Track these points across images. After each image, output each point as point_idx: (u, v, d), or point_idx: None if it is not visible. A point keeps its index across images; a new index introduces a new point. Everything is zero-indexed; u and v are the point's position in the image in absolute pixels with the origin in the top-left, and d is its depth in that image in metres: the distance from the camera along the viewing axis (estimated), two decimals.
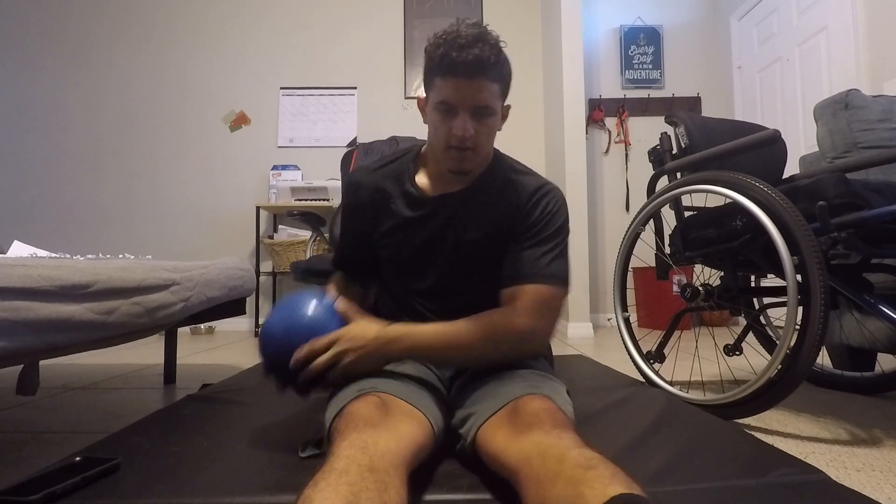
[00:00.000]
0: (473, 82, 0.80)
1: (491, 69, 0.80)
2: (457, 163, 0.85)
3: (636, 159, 3.57)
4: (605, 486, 0.47)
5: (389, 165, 0.97)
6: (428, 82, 0.86)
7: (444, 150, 0.85)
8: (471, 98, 0.81)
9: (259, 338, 0.84)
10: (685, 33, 3.69)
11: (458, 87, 0.80)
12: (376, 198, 0.94)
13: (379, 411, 0.67)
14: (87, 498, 0.63)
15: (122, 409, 1.34)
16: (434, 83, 0.83)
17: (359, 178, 0.97)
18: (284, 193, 3.23)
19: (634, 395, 1.17)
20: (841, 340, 1.48)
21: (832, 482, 0.66)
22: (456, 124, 0.81)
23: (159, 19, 3.63)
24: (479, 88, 0.80)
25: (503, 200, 0.90)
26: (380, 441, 0.58)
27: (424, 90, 0.88)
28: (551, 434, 0.60)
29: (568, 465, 0.52)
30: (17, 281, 0.82)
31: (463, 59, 0.78)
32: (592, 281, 3.30)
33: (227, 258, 1.62)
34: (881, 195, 1.15)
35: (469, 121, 0.81)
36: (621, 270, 1.59)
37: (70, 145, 3.55)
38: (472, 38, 0.79)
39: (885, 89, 2.27)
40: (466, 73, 0.79)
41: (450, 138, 0.82)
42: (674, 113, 1.49)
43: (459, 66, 0.79)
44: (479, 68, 0.79)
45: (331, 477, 0.50)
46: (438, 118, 0.83)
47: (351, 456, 0.54)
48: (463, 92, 0.80)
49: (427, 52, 0.84)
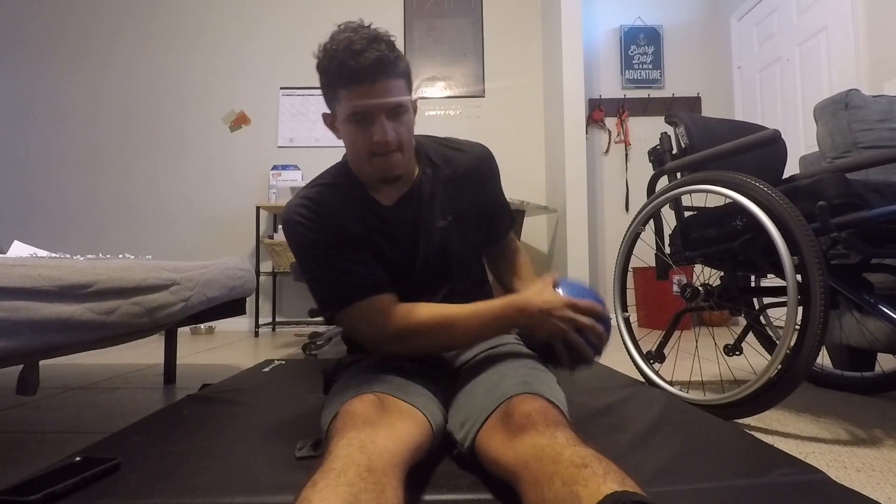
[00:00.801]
0: (380, 85, 0.77)
1: (393, 67, 0.78)
2: (386, 170, 0.83)
3: (636, 159, 3.57)
4: (600, 484, 0.48)
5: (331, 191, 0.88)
6: (331, 97, 0.82)
7: (368, 161, 0.82)
8: (379, 106, 0.78)
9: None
10: (685, 33, 3.69)
11: (365, 93, 0.77)
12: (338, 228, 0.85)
13: (377, 410, 0.67)
14: (87, 498, 0.63)
15: (122, 409, 1.34)
16: (338, 95, 0.80)
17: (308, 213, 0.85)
18: (284, 193, 3.23)
19: (634, 395, 1.17)
20: (841, 340, 1.48)
21: (832, 482, 0.66)
22: (375, 131, 0.79)
23: (159, 19, 3.63)
24: (388, 89, 0.78)
25: (453, 182, 0.92)
26: (378, 440, 0.58)
27: (328, 105, 0.85)
28: (545, 434, 0.60)
29: (563, 466, 0.53)
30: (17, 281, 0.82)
31: (363, 65, 0.75)
32: (592, 281, 3.30)
33: (227, 258, 1.62)
34: (881, 195, 1.15)
35: (387, 124, 0.79)
36: (621, 270, 1.59)
37: (70, 145, 3.55)
38: (367, 40, 0.76)
39: (885, 89, 2.27)
40: (371, 78, 0.76)
41: (372, 146, 0.80)
42: (674, 113, 1.49)
43: (362, 73, 0.76)
44: (381, 70, 0.77)
45: (329, 477, 0.50)
46: (354, 130, 0.81)
47: (349, 455, 0.54)
48: (373, 97, 0.77)
49: (321, 66, 0.80)
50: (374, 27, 0.79)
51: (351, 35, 0.77)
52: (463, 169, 0.94)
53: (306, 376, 1.45)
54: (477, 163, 0.95)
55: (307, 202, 0.85)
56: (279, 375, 1.45)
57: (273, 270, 3.33)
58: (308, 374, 1.48)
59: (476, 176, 0.95)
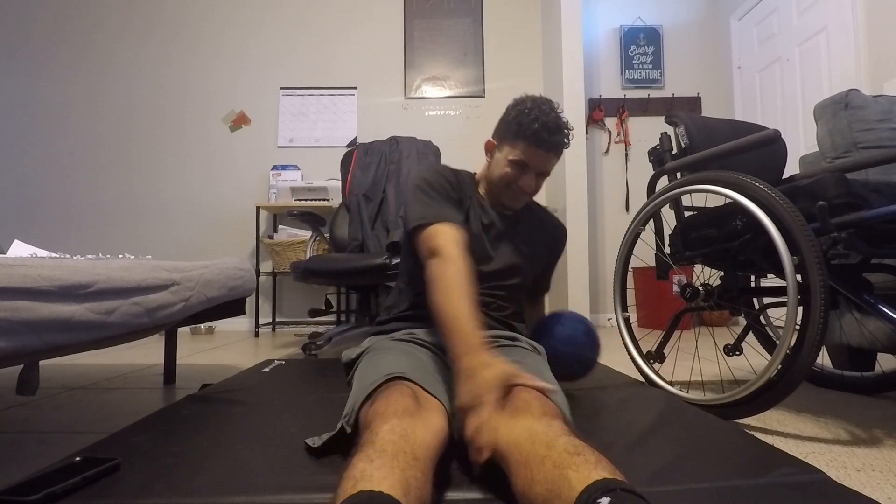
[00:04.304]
0: (548, 157, 1.06)
1: (561, 151, 1.08)
2: (512, 202, 1.12)
3: (636, 159, 3.57)
4: (590, 470, 0.51)
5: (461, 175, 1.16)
6: (506, 137, 1.07)
7: (505, 188, 1.09)
8: (542, 166, 1.07)
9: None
10: (685, 33, 3.70)
11: (537, 155, 1.05)
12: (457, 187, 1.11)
13: (413, 402, 0.70)
14: (87, 498, 0.63)
15: (122, 409, 1.34)
16: (517, 143, 1.05)
17: (444, 169, 1.14)
18: (284, 193, 3.23)
19: (634, 395, 1.17)
20: (841, 340, 1.48)
21: (832, 482, 0.66)
22: (524, 180, 1.06)
23: (159, 19, 3.63)
24: (550, 161, 1.07)
25: (543, 230, 1.21)
26: (417, 431, 0.61)
27: (497, 139, 1.11)
28: (541, 421, 0.63)
29: (556, 450, 0.55)
30: (17, 281, 0.82)
31: (549, 140, 1.03)
32: (592, 281, 3.30)
33: (227, 258, 1.62)
34: (881, 195, 1.15)
35: (534, 179, 1.07)
36: (621, 270, 1.59)
37: (70, 145, 3.55)
38: (558, 125, 1.05)
39: (885, 89, 2.27)
40: (547, 149, 1.05)
41: (515, 186, 1.07)
42: (674, 113, 1.49)
43: (545, 143, 1.03)
44: (556, 148, 1.06)
45: (385, 457, 0.53)
46: (510, 168, 1.06)
47: (396, 442, 0.57)
48: (540, 160, 1.06)
49: (516, 116, 1.05)
50: (563, 114, 1.08)
51: (550, 113, 1.04)
52: (551, 229, 1.25)
53: (306, 376, 1.45)
54: (561, 233, 1.28)
55: (447, 167, 1.14)
56: (279, 375, 1.45)
57: (273, 270, 3.33)
58: (308, 374, 1.48)
59: (556, 241, 1.26)
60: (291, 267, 2.21)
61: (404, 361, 0.85)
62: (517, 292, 1.15)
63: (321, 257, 2.22)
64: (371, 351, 0.97)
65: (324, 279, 2.18)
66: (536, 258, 1.18)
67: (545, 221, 1.24)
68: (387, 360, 0.86)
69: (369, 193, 2.48)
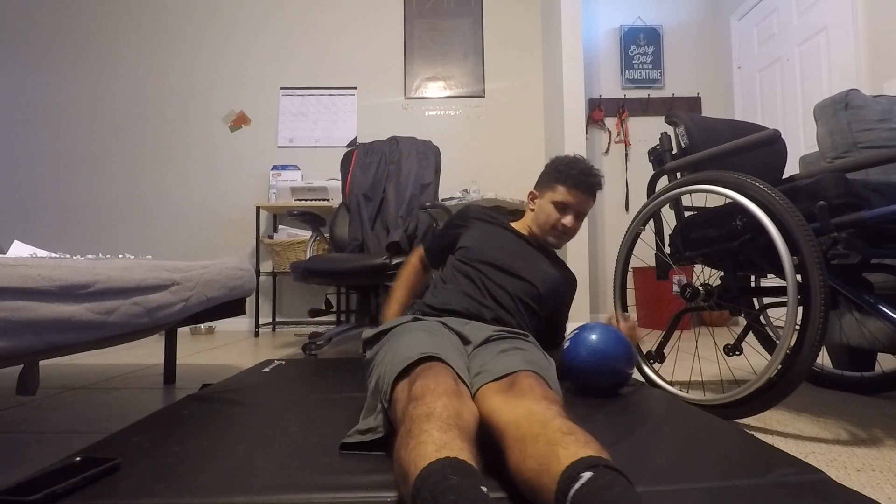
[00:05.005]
0: (587, 198, 1.29)
1: (597, 192, 1.32)
2: (558, 241, 1.33)
3: (636, 159, 3.57)
4: (579, 448, 0.55)
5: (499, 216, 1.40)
6: (548, 184, 1.31)
7: (550, 230, 1.30)
8: (581, 207, 1.29)
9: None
10: (685, 33, 3.69)
11: (577, 196, 1.28)
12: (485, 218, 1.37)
13: (455, 385, 0.73)
14: (87, 498, 0.63)
15: (122, 409, 1.34)
16: (557, 187, 1.28)
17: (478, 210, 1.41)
18: (284, 193, 3.23)
19: (634, 395, 1.17)
20: (841, 340, 1.48)
21: (832, 482, 0.66)
22: (566, 219, 1.28)
23: (160, 20, 3.63)
24: (588, 203, 1.30)
25: (563, 272, 1.37)
26: (463, 412, 0.65)
27: (539, 189, 1.35)
28: (541, 403, 0.68)
29: (550, 430, 0.60)
30: (17, 281, 0.82)
31: (588, 183, 1.27)
32: (592, 281, 3.30)
33: (227, 258, 1.62)
34: (881, 195, 1.15)
35: (574, 219, 1.29)
36: (621, 270, 1.59)
37: (71, 145, 3.55)
38: (593, 171, 1.30)
39: (885, 89, 2.27)
40: (584, 190, 1.28)
41: (557, 225, 1.29)
42: (674, 113, 1.49)
43: (583, 185, 1.27)
44: (592, 191, 1.30)
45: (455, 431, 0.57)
46: (553, 211, 1.29)
47: (449, 419, 0.60)
48: (579, 201, 1.28)
49: (556, 166, 1.31)
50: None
51: (585, 162, 1.31)
52: (569, 274, 1.40)
53: (306, 376, 1.45)
54: (573, 280, 1.41)
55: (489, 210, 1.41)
56: (279, 375, 1.45)
57: (273, 270, 3.33)
58: (308, 374, 1.48)
59: (571, 284, 1.39)
60: (291, 267, 2.21)
61: (440, 342, 0.89)
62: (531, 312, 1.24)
63: (321, 257, 2.22)
64: (402, 330, 1.00)
65: (324, 279, 2.18)
66: (555, 287, 1.30)
67: (564, 267, 1.40)
68: (420, 338, 0.89)
69: (369, 193, 2.48)
